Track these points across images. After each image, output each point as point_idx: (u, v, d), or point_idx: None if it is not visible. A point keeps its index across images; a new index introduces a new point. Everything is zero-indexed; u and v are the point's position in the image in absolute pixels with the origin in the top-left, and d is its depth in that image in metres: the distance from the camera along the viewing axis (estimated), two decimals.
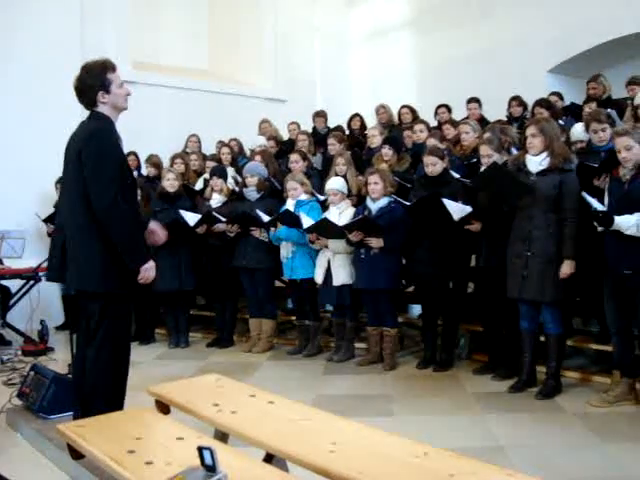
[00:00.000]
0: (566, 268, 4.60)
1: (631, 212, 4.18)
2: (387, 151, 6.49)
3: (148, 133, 8.43)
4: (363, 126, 8.51)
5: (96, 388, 3.59)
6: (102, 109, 3.67)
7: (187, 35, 10.68)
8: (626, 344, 4.51)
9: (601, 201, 4.47)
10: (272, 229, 6.23)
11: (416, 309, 6.88)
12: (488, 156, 5.18)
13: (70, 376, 4.85)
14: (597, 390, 4.82)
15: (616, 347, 4.57)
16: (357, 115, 8.63)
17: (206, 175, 7.47)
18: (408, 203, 5.42)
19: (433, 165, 5.45)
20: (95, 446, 2.61)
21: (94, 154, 3.51)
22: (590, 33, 8.33)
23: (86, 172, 3.50)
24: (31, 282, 6.94)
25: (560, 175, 4.66)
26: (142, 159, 7.98)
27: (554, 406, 4.62)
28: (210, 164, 7.65)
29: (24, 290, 7.00)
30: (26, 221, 7.72)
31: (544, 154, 4.73)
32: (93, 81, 3.63)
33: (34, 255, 7.12)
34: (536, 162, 4.75)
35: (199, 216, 6.55)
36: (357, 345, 6.24)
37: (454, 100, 7.82)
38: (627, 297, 4.37)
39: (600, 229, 4.40)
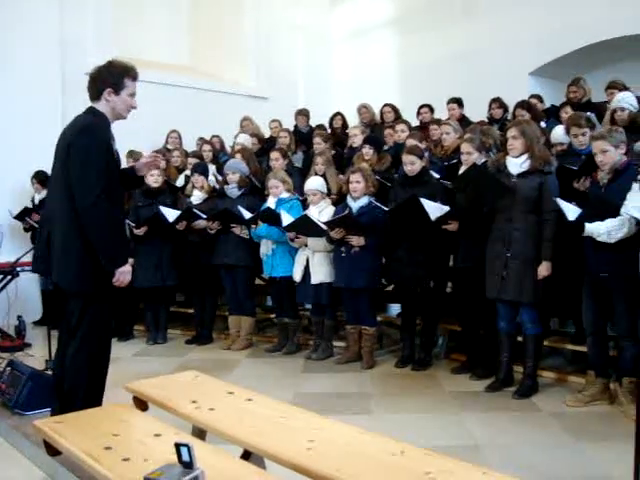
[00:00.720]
0: (543, 269, 4.65)
1: (606, 217, 4.20)
2: (368, 150, 6.49)
3: (128, 128, 8.34)
4: (345, 125, 8.51)
5: (75, 386, 3.57)
6: (102, 106, 3.64)
7: (169, 31, 10.62)
8: (601, 345, 4.57)
9: (582, 204, 4.51)
10: (253, 226, 6.23)
11: (395, 308, 6.91)
12: (468, 153, 5.21)
13: (47, 372, 4.83)
14: (573, 390, 4.87)
15: (591, 348, 4.62)
16: (339, 114, 8.63)
17: (188, 172, 7.46)
18: (386, 208, 5.43)
19: (412, 164, 5.45)
20: (72, 442, 2.61)
21: (82, 151, 3.47)
22: (572, 36, 8.40)
23: (72, 169, 3.47)
24: (8, 277, 6.87)
25: (540, 177, 4.70)
26: (122, 154, 7.91)
27: (530, 405, 4.66)
28: (192, 161, 7.62)
29: (1, 285, 6.93)
30: (3, 216, 7.66)
31: (524, 156, 4.77)
32: (108, 76, 3.62)
33: (12, 250, 7.05)
34: (517, 164, 4.79)
35: (178, 212, 6.54)
36: (336, 343, 6.25)
37: (436, 100, 7.84)
38: (604, 299, 4.42)
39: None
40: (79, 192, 3.45)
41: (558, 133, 5.63)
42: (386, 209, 5.43)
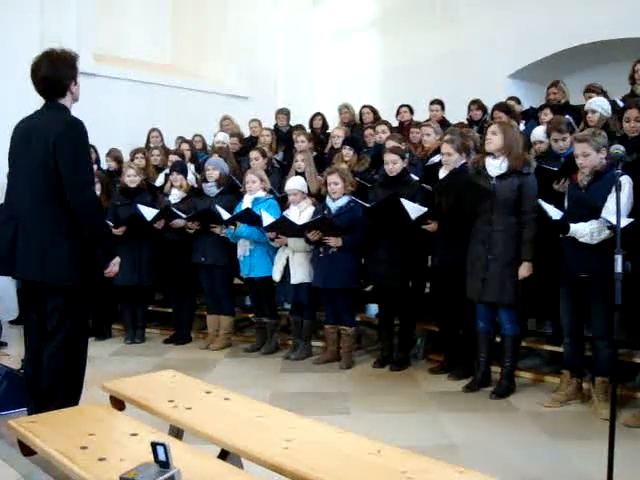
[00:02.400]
0: (524, 270, 4.68)
1: (587, 218, 4.24)
2: (347, 151, 6.51)
3: (108, 126, 8.32)
4: (325, 125, 8.53)
5: (54, 385, 3.53)
6: (66, 100, 3.61)
7: (150, 28, 10.58)
8: (577, 345, 4.61)
9: (561, 205, 4.54)
10: (231, 227, 6.19)
11: (374, 308, 6.92)
12: (448, 155, 5.23)
13: (23, 371, 4.77)
14: (549, 390, 4.91)
15: (567, 348, 4.66)
16: (319, 114, 8.63)
17: (167, 170, 7.41)
18: (368, 205, 5.43)
19: (393, 163, 5.45)
20: (47, 442, 2.58)
21: (73, 147, 3.45)
22: (551, 40, 8.48)
23: (64, 165, 3.42)
24: None
25: (519, 179, 4.73)
26: (101, 153, 7.88)
27: (507, 405, 4.70)
28: (173, 159, 7.56)
29: None
30: None
31: (503, 157, 4.79)
32: (70, 71, 3.58)
33: None
34: (495, 166, 4.81)
35: (156, 211, 6.50)
36: (314, 343, 6.26)
37: (416, 101, 7.88)
38: (582, 300, 4.45)
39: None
40: (76, 187, 3.44)
41: (538, 132, 5.66)
42: (368, 205, 5.43)
